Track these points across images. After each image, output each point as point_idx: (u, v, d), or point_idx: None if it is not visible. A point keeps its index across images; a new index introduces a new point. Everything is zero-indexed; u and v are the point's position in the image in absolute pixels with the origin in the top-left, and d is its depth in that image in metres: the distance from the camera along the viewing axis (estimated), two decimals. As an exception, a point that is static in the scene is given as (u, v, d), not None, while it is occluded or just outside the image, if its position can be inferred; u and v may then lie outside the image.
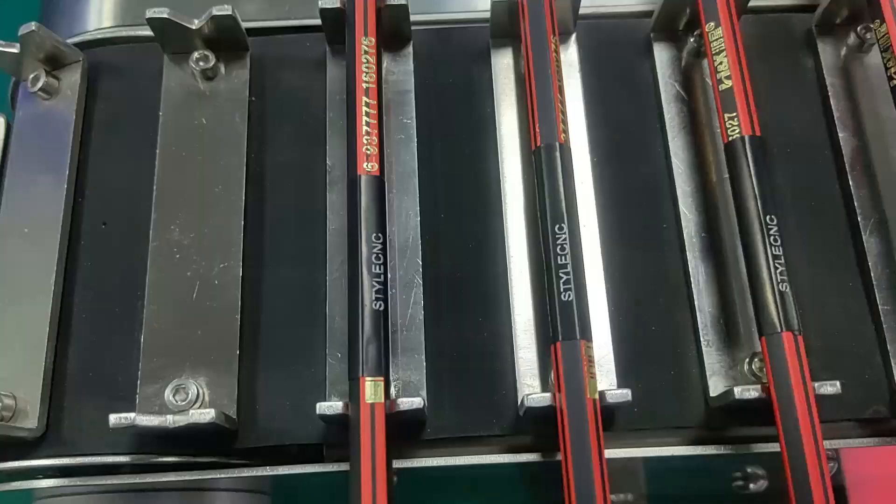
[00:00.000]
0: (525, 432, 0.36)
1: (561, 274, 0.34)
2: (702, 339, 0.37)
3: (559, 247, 0.34)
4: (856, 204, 0.39)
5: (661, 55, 0.42)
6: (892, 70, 0.38)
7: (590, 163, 0.40)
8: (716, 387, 0.36)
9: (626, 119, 0.41)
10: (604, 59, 0.42)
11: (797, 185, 0.40)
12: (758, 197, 0.35)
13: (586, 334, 0.33)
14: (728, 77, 0.37)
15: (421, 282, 0.37)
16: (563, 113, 0.37)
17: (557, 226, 0.34)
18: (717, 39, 0.38)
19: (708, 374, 0.36)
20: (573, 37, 0.42)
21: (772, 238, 0.34)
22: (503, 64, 0.42)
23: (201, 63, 0.41)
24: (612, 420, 0.36)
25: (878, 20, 0.38)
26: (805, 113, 0.41)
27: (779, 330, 0.33)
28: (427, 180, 0.39)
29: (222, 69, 0.42)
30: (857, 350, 0.37)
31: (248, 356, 0.37)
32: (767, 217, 0.35)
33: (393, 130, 0.40)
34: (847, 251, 0.39)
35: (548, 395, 0.33)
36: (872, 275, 0.38)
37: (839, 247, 0.39)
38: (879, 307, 0.37)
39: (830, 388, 0.34)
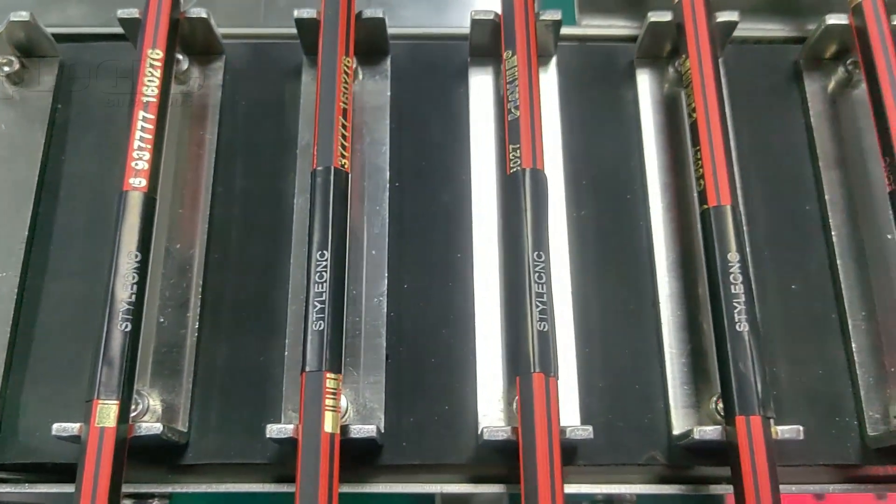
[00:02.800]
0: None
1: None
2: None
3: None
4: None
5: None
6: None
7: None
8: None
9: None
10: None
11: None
12: (529, 233, 0.34)
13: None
14: (517, 107, 0.36)
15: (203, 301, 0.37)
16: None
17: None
18: (512, 69, 0.37)
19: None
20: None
21: (536, 275, 0.33)
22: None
23: (6, 68, 0.40)
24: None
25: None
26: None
27: (531, 370, 0.32)
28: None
29: (30, 75, 0.41)
30: (642, 393, 0.36)
31: (16, 370, 0.36)
32: (535, 254, 0.34)
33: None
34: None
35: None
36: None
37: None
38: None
39: (582, 432, 0.33)
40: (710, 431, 0.33)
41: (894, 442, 0.34)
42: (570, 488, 0.36)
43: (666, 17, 0.39)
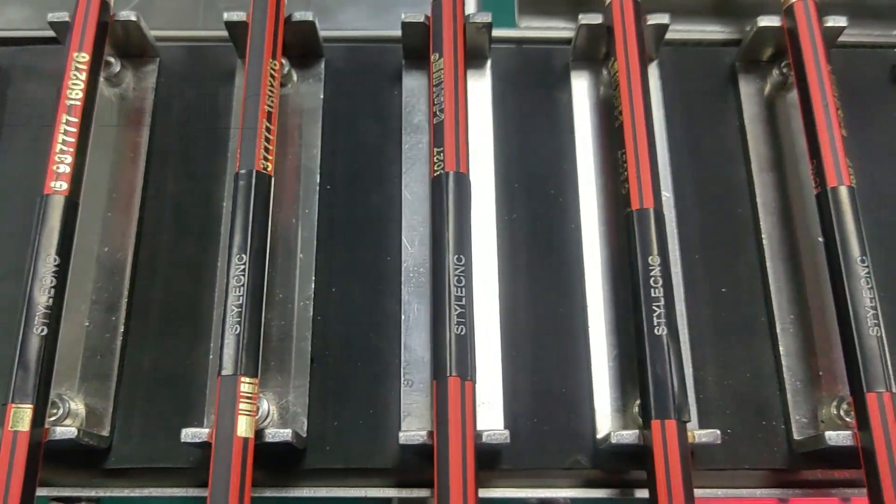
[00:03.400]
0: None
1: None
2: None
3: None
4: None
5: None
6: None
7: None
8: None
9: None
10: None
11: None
12: (450, 236, 0.34)
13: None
14: (442, 111, 0.36)
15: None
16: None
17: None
18: (438, 71, 0.37)
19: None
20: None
21: (456, 279, 0.33)
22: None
23: (-66, 71, 0.40)
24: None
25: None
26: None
27: (447, 374, 0.32)
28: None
29: (-34, 78, 0.41)
30: (569, 396, 0.36)
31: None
32: (456, 257, 0.34)
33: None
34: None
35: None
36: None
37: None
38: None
39: (499, 436, 0.33)
40: (627, 435, 0.33)
41: (820, 446, 0.33)
42: (496, 492, 0.36)
43: (597, 19, 0.39)
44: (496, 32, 0.43)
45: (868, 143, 0.41)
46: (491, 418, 0.35)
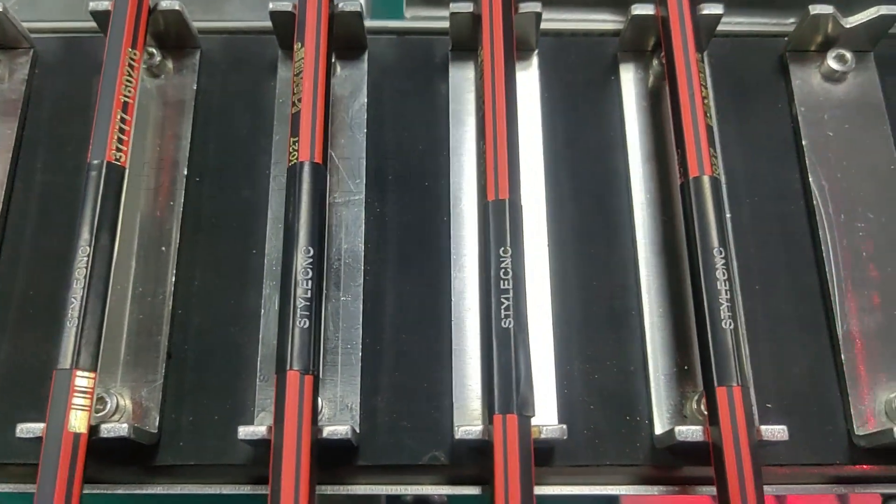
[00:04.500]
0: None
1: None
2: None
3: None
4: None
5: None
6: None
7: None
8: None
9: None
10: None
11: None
12: (300, 228, 0.33)
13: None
14: (300, 100, 0.35)
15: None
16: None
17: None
18: (299, 61, 0.36)
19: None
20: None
21: (303, 271, 0.33)
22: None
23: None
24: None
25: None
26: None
27: (286, 368, 0.31)
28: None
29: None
30: (430, 391, 0.36)
31: None
32: (305, 248, 0.33)
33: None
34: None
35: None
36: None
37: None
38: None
39: (342, 429, 0.32)
40: (472, 431, 0.32)
41: (672, 442, 0.33)
42: (358, 489, 0.35)
43: (467, 7, 0.39)
44: (377, 23, 0.42)
45: (753, 133, 0.40)
46: (347, 414, 0.35)
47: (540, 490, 0.35)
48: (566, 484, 0.35)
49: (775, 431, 0.32)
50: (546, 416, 0.34)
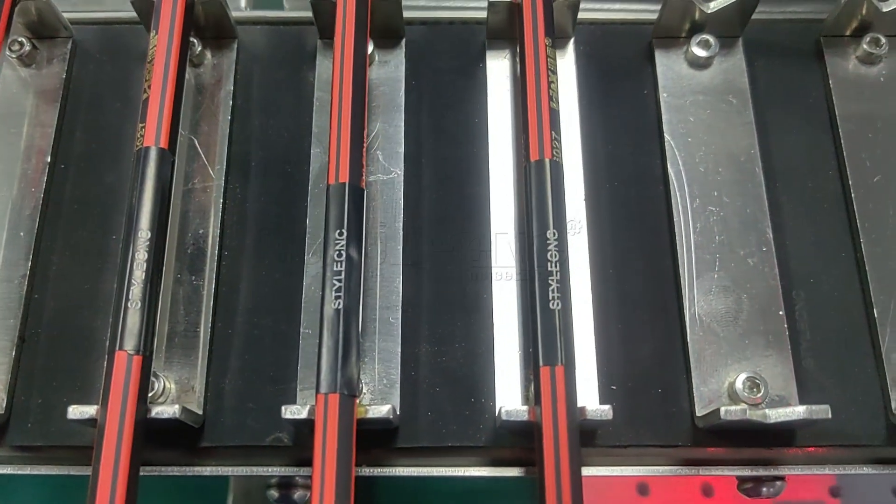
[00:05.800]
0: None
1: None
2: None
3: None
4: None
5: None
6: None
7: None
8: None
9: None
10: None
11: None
12: (139, 212, 0.34)
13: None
14: (149, 87, 0.36)
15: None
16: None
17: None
18: (153, 48, 0.37)
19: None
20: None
21: (140, 253, 0.33)
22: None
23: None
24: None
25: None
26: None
27: (115, 348, 0.32)
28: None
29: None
30: (275, 374, 0.36)
31: None
32: (142, 232, 0.33)
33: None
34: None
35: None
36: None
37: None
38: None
39: (168, 409, 0.32)
40: (297, 410, 0.32)
41: (504, 421, 0.33)
42: (198, 469, 0.36)
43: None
44: (254, 14, 0.43)
45: (618, 119, 0.40)
46: (189, 397, 0.35)
47: (364, 472, 0.36)
48: (408, 465, 0.35)
49: (601, 411, 0.32)
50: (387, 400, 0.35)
